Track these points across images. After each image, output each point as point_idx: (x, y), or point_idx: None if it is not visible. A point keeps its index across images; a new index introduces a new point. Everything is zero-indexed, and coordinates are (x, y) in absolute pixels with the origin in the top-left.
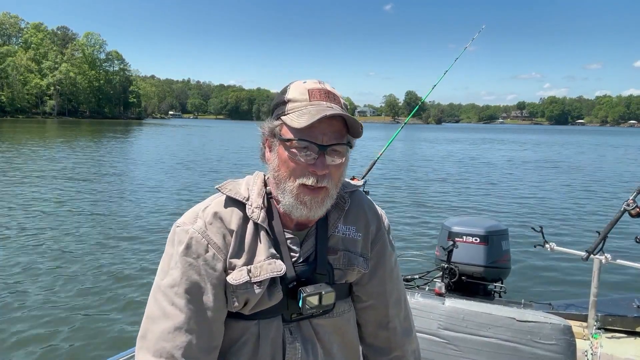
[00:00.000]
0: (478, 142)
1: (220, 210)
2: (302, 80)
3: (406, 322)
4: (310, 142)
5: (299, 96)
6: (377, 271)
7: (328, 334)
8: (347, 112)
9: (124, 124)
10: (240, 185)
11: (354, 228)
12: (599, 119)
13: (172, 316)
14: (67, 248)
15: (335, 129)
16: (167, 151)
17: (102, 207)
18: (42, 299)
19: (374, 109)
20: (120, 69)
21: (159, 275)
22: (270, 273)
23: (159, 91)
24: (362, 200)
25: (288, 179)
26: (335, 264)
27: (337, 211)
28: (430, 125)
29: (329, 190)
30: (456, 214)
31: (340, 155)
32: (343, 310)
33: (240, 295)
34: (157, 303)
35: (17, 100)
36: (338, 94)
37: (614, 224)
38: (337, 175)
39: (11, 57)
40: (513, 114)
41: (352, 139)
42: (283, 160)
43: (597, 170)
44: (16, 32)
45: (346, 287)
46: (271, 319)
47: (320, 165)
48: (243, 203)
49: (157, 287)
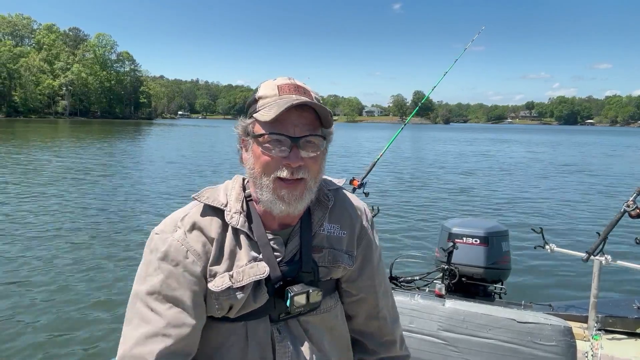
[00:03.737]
0: (481, 143)
1: (198, 220)
2: (273, 78)
3: (393, 310)
4: (281, 135)
5: (269, 92)
6: (366, 266)
7: (317, 330)
8: (325, 109)
9: (135, 124)
10: (218, 191)
11: (338, 226)
12: (608, 119)
13: (149, 321)
14: (72, 246)
15: (306, 120)
16: (180, 151)
17: (115, 207)
18: (47, 296)
19: (382, 109)
20: (130, 70)
21: (137, 282)
22: (253, 277)
23: (168, 91)
24: (345, 198)
25: (264, 175)
26: (321, 261)
27: (321, 209)
28: (437, 125)
29: (307, 183)
30: (456, 215)
31: (315, 148)
32: (330, 306)
33: (223, 302)
34: (134, 309)
35: (30, 100)
36: (309, 89)
37: (614, 225)
38: (315, 168)
39: (24, 58)
40: (521, 114)
41: (329, 131)
42: (257, 157)
43: (599, 171)
44: (29, 33)
45: (332, 282)
46: (258, 319)
47: (294, 157)
48: (221, 210)
49: (135, 294)
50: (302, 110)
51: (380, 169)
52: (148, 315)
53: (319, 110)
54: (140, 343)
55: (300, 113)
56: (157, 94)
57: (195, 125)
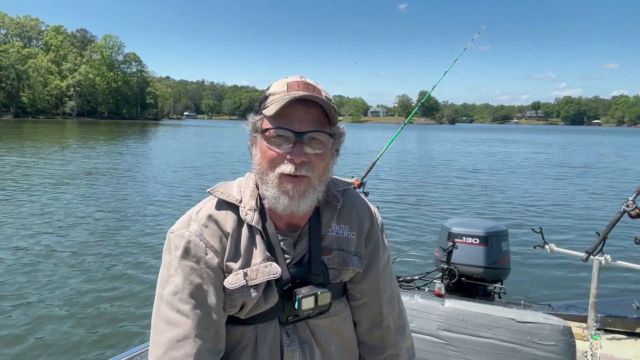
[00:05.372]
0: (484, 143)
1: (214, 213)
2: (285, 77)
3: (400, 319)
4: (285, 130)
5: (279, 89)
6: (371, 269)
7: (325, 334)
8: (329, 104)
9: (142, 124)
10: (232, 187)
11: (347, 227)
12: (615, 119)
13: (178, 324)
14: (76, 245)
15: (312, 117)
16: (188, 151)
17: (122, 206)
18: (51, 294)
19: (387, 109)
20: (137, 70)
21: (160, 285)
22: (267, 276)
23: (174, 92)
24: (354, 198)
25: (269, 170)
26: (330, 263)
27: (330, 210)
28: (442, 126)
29: (311, 181)
30: (456, 214)
31: (320, 145)
32: (339, 310)
33: (236, 299)
34: (161, 313)
35: (38, 101)
36: (319, 87)
37: (613, 224)
38: (320, 166)
39: (32, 59)
40: (528, 114)
41: (339, 130)
42: (263, 152)
43: (599, 170)
44: (37, 34)
45: (341, 286)
46: (268, 322)
47: (297, 153)
48: (236, 205)
49: (160, 298)
50: (309, 106)
51: (381, 168)
52: (175, 318)
53: (325, 107)
54: (172, 347)
55: (307, 109)
56: (163, 94)
57: (201, 126)
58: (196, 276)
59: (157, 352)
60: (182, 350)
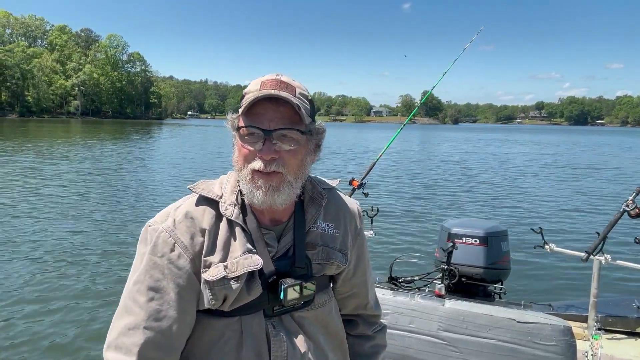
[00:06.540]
0: (486, 143)
1: (191, 210)
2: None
3: (375, 295)
4: (254, 127)
5: (253, 88)
6: (360, 264)
7: (312, 326)
8: (302, 101)
9: (146, 124)
10: (214, 184)
11: (333, 225)
12: (619, 120)
13: (132, 312)
14: (76, 245)
15: (282, 115)
16: (193, 151)
17: (125, 205)
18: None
19: (390, 109)
20: (141, 70)
21: (130, 274)
22: (247, 267)
23: (178, 92)
24: (339, 198)
25: (243, 167)
26: (314, 258)
27: (315, 206)
28: (446, 126)
29: (285, 177)
30: (456, 215)
31: (292, 141)
32: (323, 301)
33: (218, 292)
34: (122, 300)
35: (42, 100)
36: (295, 84)
37: (613, 224)
38: (293, 162)
39: (37, 58)
40: (531, 114)
41: (316, 128)
42: (239, 149)
43: (599, 170)
44: (42, 34)
45: (326, 278)
46: (252, 314)
47: (266, 150)
48: (216, 201)
49: (126, 286)
50: (279, 104)
51: (381, 169)
52: (131, 307)
53: (294, 105)
54: (123, 334)
55: (277, 108)
56: (167, 94)
57: (205, 125)
58: (157, 271)
59: (112, 335)
60: (131, 338)
